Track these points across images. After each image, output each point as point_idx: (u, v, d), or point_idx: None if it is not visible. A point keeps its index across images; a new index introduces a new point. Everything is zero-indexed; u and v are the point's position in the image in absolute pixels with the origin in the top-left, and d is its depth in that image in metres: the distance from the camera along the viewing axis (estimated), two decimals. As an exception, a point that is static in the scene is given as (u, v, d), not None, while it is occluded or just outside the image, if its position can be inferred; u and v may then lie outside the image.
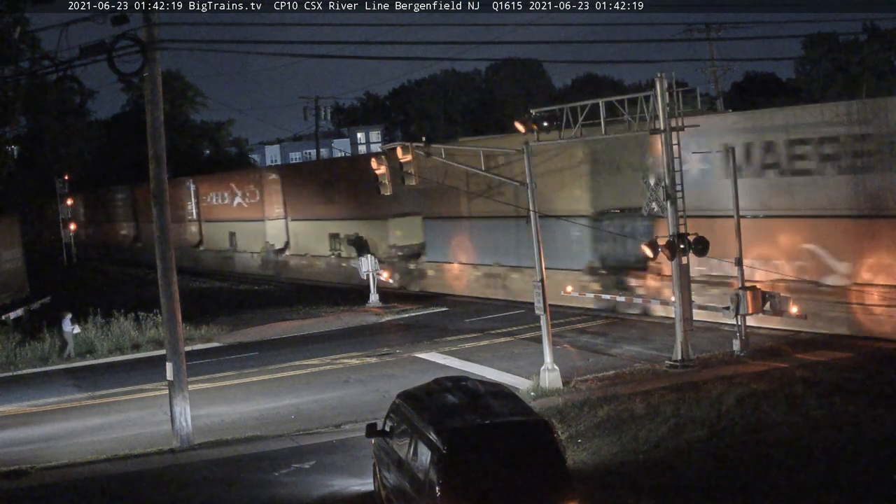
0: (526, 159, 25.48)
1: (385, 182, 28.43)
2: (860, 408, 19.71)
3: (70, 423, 25.22)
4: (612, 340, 30.32)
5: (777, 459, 17.19)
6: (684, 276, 25.82)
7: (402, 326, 36.91)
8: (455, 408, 14.55)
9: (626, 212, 34.90)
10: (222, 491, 18.45)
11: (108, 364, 33.48)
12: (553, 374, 24.42)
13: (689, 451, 18.07)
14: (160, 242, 22.33)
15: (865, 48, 76.86)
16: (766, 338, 27.82)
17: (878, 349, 25.44)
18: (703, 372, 24.51)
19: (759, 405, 20.40)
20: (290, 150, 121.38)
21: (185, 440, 21.80)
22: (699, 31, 53.59)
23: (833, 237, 27.76)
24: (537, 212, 25.15)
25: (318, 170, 62.27)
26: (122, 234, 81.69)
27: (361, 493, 17.46)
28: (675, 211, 25.71)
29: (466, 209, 42.27)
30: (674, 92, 25.93)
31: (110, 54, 20.17)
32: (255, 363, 31.24)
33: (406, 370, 27.93)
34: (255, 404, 25.67)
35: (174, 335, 22.21)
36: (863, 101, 29.84)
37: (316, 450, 20.56)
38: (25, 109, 51.32)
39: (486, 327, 34.22)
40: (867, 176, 26.76)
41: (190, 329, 34.58)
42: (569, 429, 20.14)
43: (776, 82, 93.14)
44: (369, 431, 16.40)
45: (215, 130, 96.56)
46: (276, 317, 40.62)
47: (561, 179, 36.14)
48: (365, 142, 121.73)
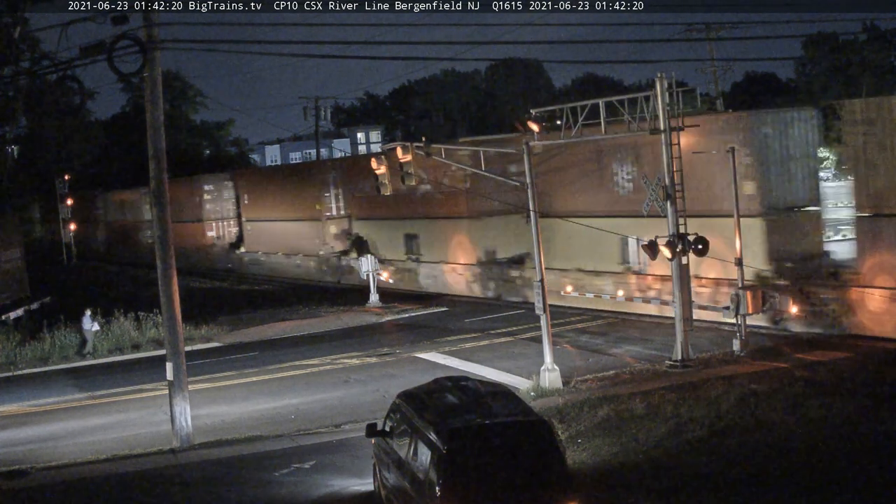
0: (526, 159, 25.47)
1: (385, 182, 28.42)
2: (860, 408, 19.71)
3: (70, 423, 25.21)
4: (612, 340, 30.32)
5: (777, 459, 17.19)
6: (684, 276, 25.81)
7: (402, 326, 36.90)
8: (455, 408, 14.55)
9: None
10: (222, 491, 18.44)
11: (108, 364, 33.49)
12: (553, 374, 24.43)
13: (689, 451, 18.07)
14: (160, 242, 22.32)
15: (865, 48, 76.90)
16: (766, 338, 27.83)
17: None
18: (703, 372, 24.51)
19: (759, 405, 20.40)
20: (291, 150, 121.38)
21: (185, 440, 21.80)
22: (699, 31, 53.59)
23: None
24: (537, 211, 25.15)
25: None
26: (139, 234, 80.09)
27: (361, 493, 17.46)
28: (675, 211, 25.70)
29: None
30: (674, 92, 25.94)
31: (110, 54, 20.16)
32: (255, 363, 31.24)
33: (406, 370, 27.93)
34: (255, 404, 25.67)
35: (174, 335, 22.21)
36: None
37: (316, 450, 20.56)
38: (25, 109, 51.28)
39: (486, 327, 34.21)
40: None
41: (190, 329, 34.56)
42: (569, 429, 20.14)
43: (776, 82, 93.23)
44: (369, 431, 16.40)
45: (215, 130, 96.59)
46: (276, 317, 40.63)
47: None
48: (365, 142, 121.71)
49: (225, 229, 65.84)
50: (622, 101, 26.85)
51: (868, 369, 23.15)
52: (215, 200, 66.13)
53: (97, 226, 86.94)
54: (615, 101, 27.15)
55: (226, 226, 65.79)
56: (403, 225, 46.76)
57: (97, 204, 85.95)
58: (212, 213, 66.67)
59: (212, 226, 66.61)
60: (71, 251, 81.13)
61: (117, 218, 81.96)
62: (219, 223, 66.10)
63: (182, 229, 67.23)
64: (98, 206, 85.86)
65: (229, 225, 65.43)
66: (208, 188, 66.94)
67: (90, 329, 34.55)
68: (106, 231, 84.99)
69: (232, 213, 64.75)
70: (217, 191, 65.99)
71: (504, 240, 40.59)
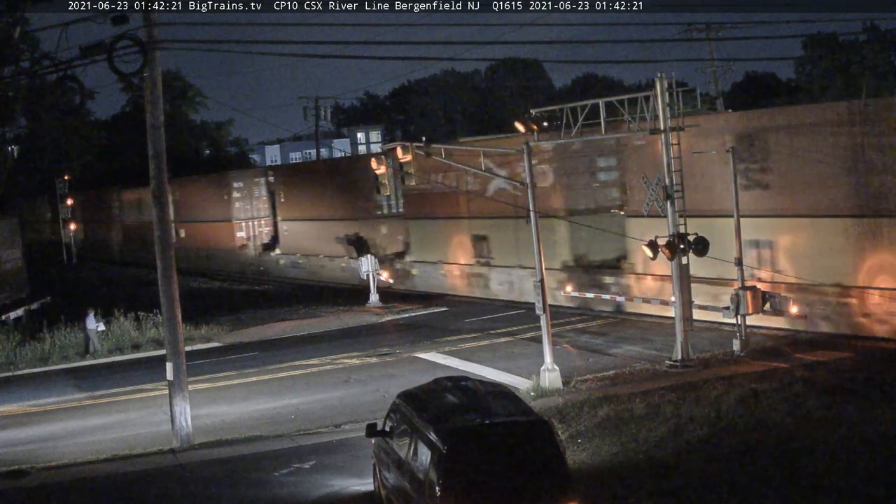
0: (526, 159, 25.47)
1: (385, 182, 28.40)
2: (860, 408, 19.71)
3: (70, 423, 25.21)
4: (612, 340, 30.32)
5: (777, 459, 17.19)
6: (684, 276, 25.81)
7: (402, 326, 36.90)
8: (455, 408, 14.55)
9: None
10: (222, 491, 18.44)
11: (108, 364, 33.49)
12: (553, 374, 24.43)
13: (690, 451, 18.07)
14: (160, 242, 22.32)
15: (865, 48, 76.84)
16: (766, 337, 27.83)
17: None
18: (703, 372, 24.51)
19: (759, 405, 20.40)
20: (291, 150, 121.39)
21: (185, 440, 21.80)
22: (699, 31, 53.54)
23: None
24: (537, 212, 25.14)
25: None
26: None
27: (361, 493, 17.46)
28: (675, 211, 25.70)
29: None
30: (674, 92, 25.95)
31: (110, 54, 20.17)
32: (255, 363, 31.24)
33: (406, 370, 27.92)
34: (255, 404, 25.67)
35: (174, 335, 22.21)
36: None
37: (316, 450, 20.56)
38: (25, 109, 51.25)
39: (485, 327, 34.21)
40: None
41: (190, 329, 34.59)
42: (569, 429, 20.14)
43: (776, 82, 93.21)
44: (369, 431, 16.40)
45: (215, 130, 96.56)
46: (276, 316, 40.64)
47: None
48: (365, 142, 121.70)
49: (256, 230, 61.28)
50: (622, 101, 26.85)
51: (868, 369, 23.15)
52: (246, 199, 62.07)
53: (111, 226, 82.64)
54: (615, 101, 27.15)
55: (257, 226, 61.32)
56: (471, 225, 41.75)
57: (111, 202, 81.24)
58: (241, 212, 62.12)
59: (241, 226, 61.98)
60: (71, 251, 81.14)
61: (134, 218, 76.74)
62: (249, 223, 62.01)
63: (207, 230, 65.42)
64: (113, 205, 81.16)
65: (261, 225, 60.97)
66: (238, 185, 62.55)
67: (94, 329, 34.57)
68: (121, 231, 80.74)
69: (265, 212, 60.49)
70: (248, 188, 62.15)
71: (597, 243, 35.77)
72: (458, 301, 41.03)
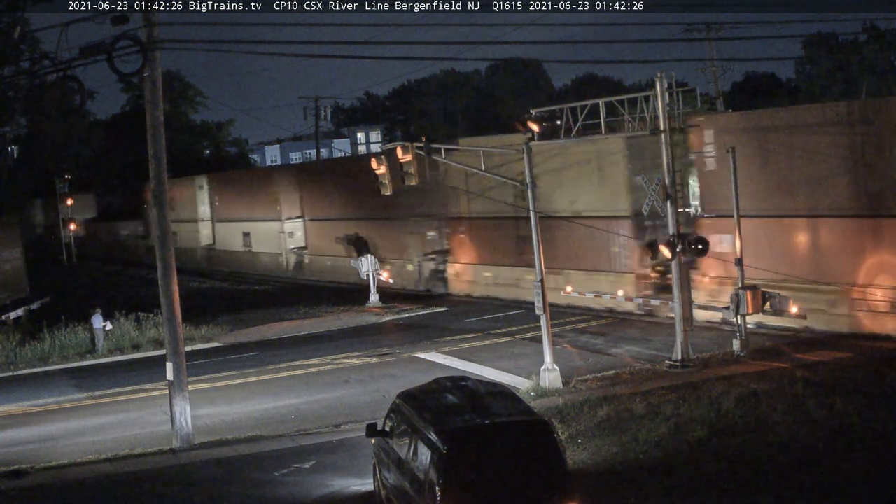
0: (526, 159, 25.45)
1: (385, 182, 28.37)
2: (860, 408, 19.71)
3: (70, 423, 25.21)
4: (612, 340, 30.31)
5: (777, 459, 17.19)
6: (684, 276, 25.81)
7: (402, 326, 36.90)
8: (455, 408, 14.54)
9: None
10: (222, 491, 18.44)
11: (108, 364, 33.49)
12: (553, 374, 24.43)
13: (690, 451, 18.07)
14: (160, 242, 22.31)
15: (865, 48, 76.86)
16: (766, 337, 27.83)
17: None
18: (704, 372, 24.52)
19: (759, 405, 20.40)
20: (291, 150, 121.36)
21: (185, 440, 21.80)
22: (699, 31, 53.50)
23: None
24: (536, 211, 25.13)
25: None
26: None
27: (361, 493, 17.46)
28: (675, 211, 25.69)
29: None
30: (674, 92, 25.96)
31: (110, 54, 20.17)
32: (255, 363, 31.24)
33: (406, 370, 27.92)
34: (255, 404, 25.67)
35: (174, 335, 22.20)
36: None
37: (316, 450, 20.56)
38: (25, 109, 51.24)
39: (485, 327, 34.21)
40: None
41: (190, 329, 34.59)
42: (569, 429, 20.14)
43: (776, 82, 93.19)
44: (369, 431, 16.40)
45: (215, 130, 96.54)
46: (275, 317, 40.62)
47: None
48: (365, 142, 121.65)
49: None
50: (622, 102, 26.86)
51: (868, 369, 23.15)
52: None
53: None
54: (615, 102, 27.15)
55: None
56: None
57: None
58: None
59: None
60: (71, 251, 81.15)
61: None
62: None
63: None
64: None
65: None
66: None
67: (100, 328, 34.59)
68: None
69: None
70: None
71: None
72: (458, 301, 41.03)
